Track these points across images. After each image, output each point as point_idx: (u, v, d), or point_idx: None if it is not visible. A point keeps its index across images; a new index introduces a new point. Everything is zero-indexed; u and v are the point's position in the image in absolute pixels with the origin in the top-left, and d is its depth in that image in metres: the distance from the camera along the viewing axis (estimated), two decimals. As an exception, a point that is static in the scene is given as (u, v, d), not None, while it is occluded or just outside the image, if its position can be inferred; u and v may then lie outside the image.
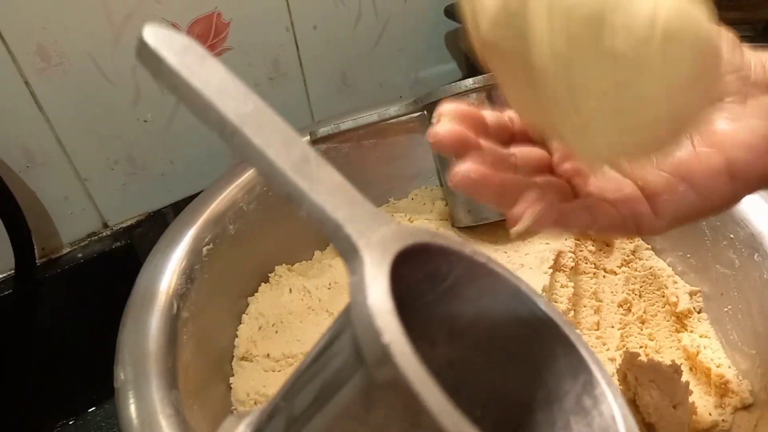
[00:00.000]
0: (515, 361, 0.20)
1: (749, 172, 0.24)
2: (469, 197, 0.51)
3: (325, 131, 0.54)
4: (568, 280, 0.46)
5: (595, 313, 0.46)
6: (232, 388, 0.43)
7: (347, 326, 0.15)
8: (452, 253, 0.19)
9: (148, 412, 0.34)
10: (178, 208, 0.60)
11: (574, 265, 0.47)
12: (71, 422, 0.60)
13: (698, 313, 0.45)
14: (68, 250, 0.58)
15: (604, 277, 0.49)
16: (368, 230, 0.16)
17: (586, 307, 0.46)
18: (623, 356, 0.40)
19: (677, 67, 0.20)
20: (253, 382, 0.43)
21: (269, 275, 0.51)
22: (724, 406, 0.39)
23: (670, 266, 0.49)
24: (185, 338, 0.40)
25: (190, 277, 0.43)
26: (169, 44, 0.18)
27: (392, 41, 0.67)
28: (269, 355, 0.44)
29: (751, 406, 0.39)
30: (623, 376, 0.37)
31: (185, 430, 0.33)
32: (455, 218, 0.54)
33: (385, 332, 0.14)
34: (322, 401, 0.16)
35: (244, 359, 0.45)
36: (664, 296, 0.47)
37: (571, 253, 0.48)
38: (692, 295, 0.46)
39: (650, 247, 0.51)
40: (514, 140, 0.28)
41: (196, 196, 0.49)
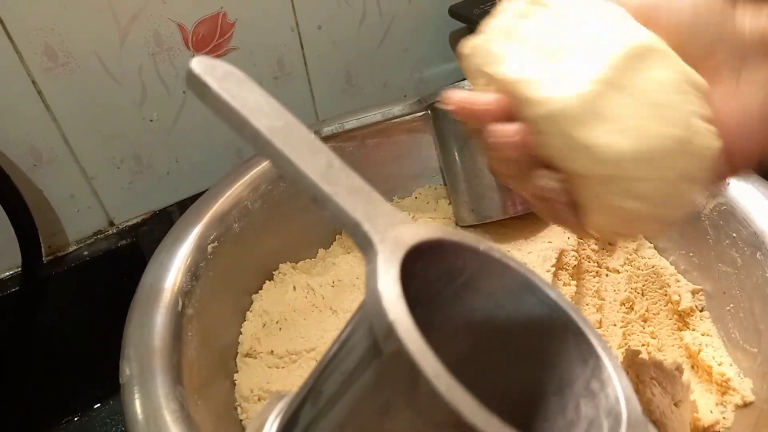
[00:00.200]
0: (530, 350, 0.21)
1: (746, 150, 0.24)
2: (474, 196, 0.52)
3: (329, 130, 0.54)
4: (570, 278, 0.46)
5: (597, 311, 0.46)
6: (236, 384, 0.43)
7: (364, 318, 0.17)
8: (466, 249, 0.20)
9: (153, 407, 0.34)
10: (183, 206, 0.60)
11: (576, 263, 0.47)
12: (76, 419, 0.60)
13: (700, 311, 0.46)
14: (74, 247, 0.58)
15: (606, 275, 0.49)
16: (384, 227, 0.18)
17: (588, 305, 0.46)
18: (625, 354, 0.40)
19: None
20: (257, 378, 0.43)
21: (273, 273, 0.52)
22: (725, 404, 0.39)
23: (672, 265, 0.49)
24: (190, 335, 0.40)
25: (195, 274, 0.43)
26: (212, 71, 0.20)
27: (396, 41, 0.67)
28: (273, 352, 0.44)
29: (752, 404, 0.39)
30: (625, 373, 0.37)
31: (190, 425, 0.34)
32: (459, 217, 0.55)
33: (390, 312, 0.15)
34: (344, 388, 0.18)
35: (248, 356, 0.45)
36: (666, 295, 0.47)
37: (573, 251, 0.48)
38: (694, 293, 0.46)
39: (653, 245, 0.51)
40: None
41: (201, 194, 0.49)
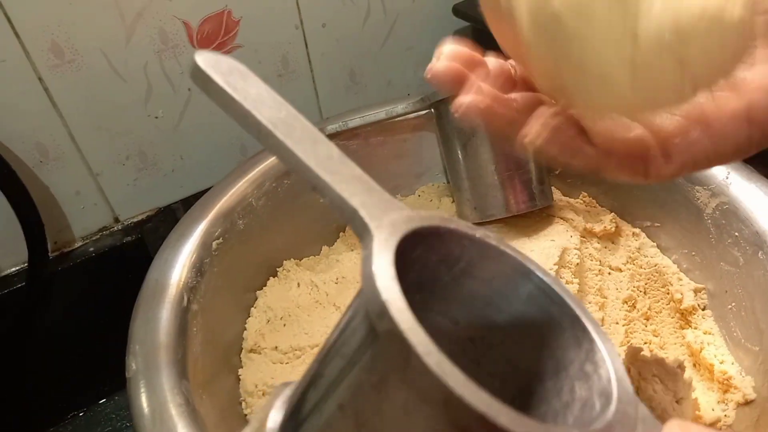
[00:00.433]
0: (528, 335, 0.21)
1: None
2: (477, 194, 0.52)
3: (333, 128, 0.55)
4: (573, 276, 0.46)
5: (599, 309, 0.46)
6: (240, 379, 0.44)
7: (361, 301, 0.17)
8: (463, 236, 0.21)
9: (158, 401, 0.34)
10: (187, 203, 0.61)
11: (579, 261, 0.48)
12: (81, 414, 0.61)
13: (702, 310, 0.46)
14: (80, 244, 0.59)
15: (609, 274, 0.49)
16: (381, 214, 0.19)
17: (590, 303, 0.46)
18: (627, 351, 0.40)
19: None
20: (261, 374, 0.43)
21: (277, 270, 0.52)
22: (726, 401, 0.40)
23: (675, 263, 0.49)
24: (195, 330, 0.40)
25: (200, 270, 0.43)
26: (216, 66, 0.21)
27: (400, 39, 0.67)
28: (277, 347, 0.45)
29: (753, 402, 0.39)
30: (627, 370, 0.38)
31: (195, 419, 0.34)
32: (462, 215, 0.55)
33: (383, 292, 0.16)
34: (344, 372, 0.18)
35: (252, 351, 0.45)
36: (668, 293, 0.47)
37: (576, 250, 0.48)
38: (697, 292, 0.46)
39: (656, 244, 0.51)
40: (515, 88, 0.28)
41: (205, 192, 0.50)
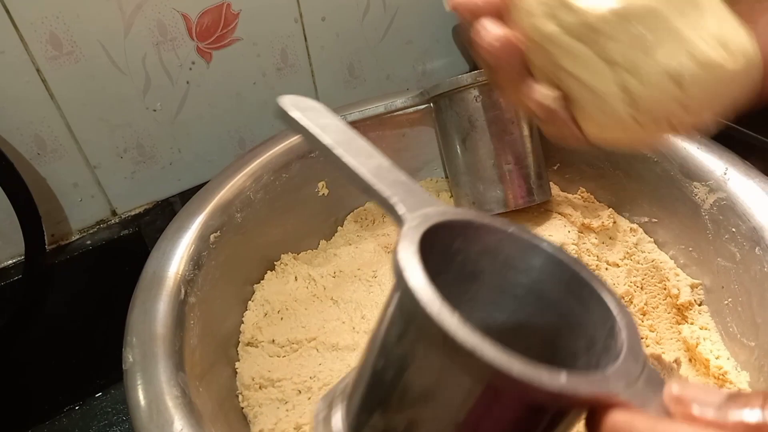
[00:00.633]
0: (564, 318, 0.23)
1: None
2: (475, 189, 0.52)
3: (331, 122, 0.54)
4: (570, 271, 0.46)
5: (596, 304, 0.46)
6: (237, 372, 0.44)
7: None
8: (498, 230, 0.24)
9: (155, 393, 0.34)
10: (185, 196, 0.61)
11: (576, 257, 0.48)
12: (77, 407, 0.61)
13: (699, 305, 0.46)
14: (77, 236, 0.59)
15: (606, 269, 0.49)
16: (415, 207, 0.22)
17: (587, 298, 0.46)
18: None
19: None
20: (257, 367, 0.43)
21: (275, 263, 0.52)
22: (722, 396, 0.40)
23: (672, 259, 0.49)
24: (192, 323, 0.40)
25: (197, 263, 0.43)
26: (296, 105, 0.27)
27: (400, 33, 0.67)
28: (274, 341, 0.45)
29: (749, 397, 0.39)
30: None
31: (191, 411, 0.34)
32: (460, 210, 0.55)
33: (401, 260, 0.19)
34: (384, 341, 0.21)
35: (249, 344, 0.45)
36: (665, 288, 0.47)
37: (573, 245, 0.48)
38: (693, 287, 0.46)
39: (653, 240, 0.51)
40: None
41: (203, 185, 0.50)
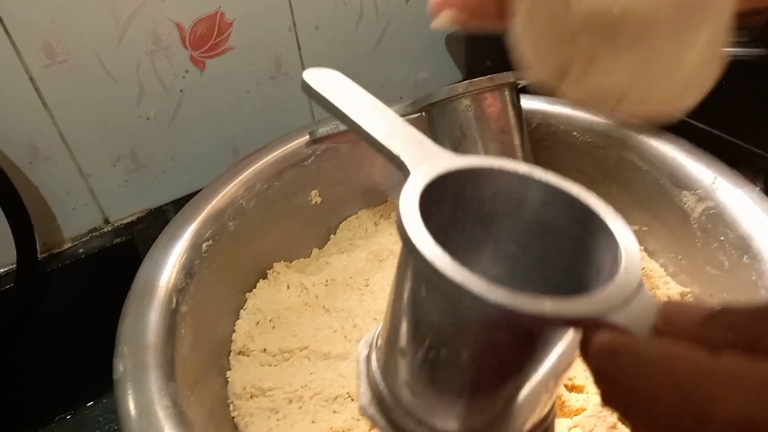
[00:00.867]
0: (576, 249, 0.24)
1: None
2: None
3: (324, 131, 0.55)
4: (561, 280, 0.47)
5: (587, 312, 0.46)
6: (229, 381, 0.44)
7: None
8: (504, 173, 0.24)
9: (145, 403, 0.34)
10: (178, 204, 0.61)
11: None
12: (69, 417, 0.61)
13: (689, 314, 0.46)
14: (70, 245, 0.59)
15: (597, 277, 0.49)
16: (423, 160, 0.24)
17: (579, 307, 0.46)
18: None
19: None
20: (249, 376, 0.43)
21: (267, 272, 0.52)
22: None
23: (662, 267, 0.49)
24: (184, 332, 0.40)
25: (189, 272, 0.43)
26: (317, 76, 0.29)
27: (393, 42, 0.68)
28: (266, 349, 0.45)
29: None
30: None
31: (182, 421, 0.34)
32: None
33: (402, 207, 0.21)
34: (397, 285, 0.23)
35: (241, 354, 0.45)
36: (655, 297, 0.47)
37: (565, 253, 0.49)
38: (683, 296, 0.46)
39: (643, 248, 0.51)
40: None
41: (196, 193, 0.50)
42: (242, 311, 0.49)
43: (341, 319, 0.47)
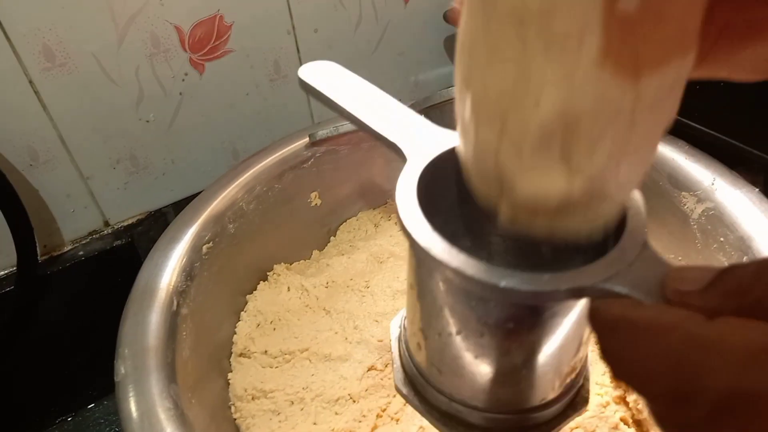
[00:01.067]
0: None
1: None
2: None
3: (324, 134, 0.55)
4: (561, 281, 0.47)
5: (588, 314, 0.46)
6: (230, 383, 0.44)
7: None
8: None
9: (147, 405, 0.34)
10: (178, 207, 0.61)
11: None
12: (70, 419, 0.60)
13: (689, 314, 0.46)
14: (70, 247, 0.58)
15: (597, 279, 0.49)
16: (421, 147, 0.24)
17: (579, 308, 0.47)
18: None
19: None
20: (250, 378, 0.43)
21: (268, 274, 0.52)
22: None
23: (662, 269, 0.49)
24: (185, 334, 0.40)
25: (190, 274, 0.43)
26: (314, 71, 0.28)
27: (392, 45, 0.68)
28: (267, 351, 0.45)
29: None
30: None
31: (183, 423, 0.34)
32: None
33: (398, 195, 0.21)
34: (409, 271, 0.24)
35: (242, 355, 0.45)
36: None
37: (565, 254, 0.49)
38: (683, 297, 0.46)
39: (643, 249, 0.51)
40: None
41: (196, 195, 0.50)
42: (243, 313, 0.49)
43: (342, 320, 0.47)
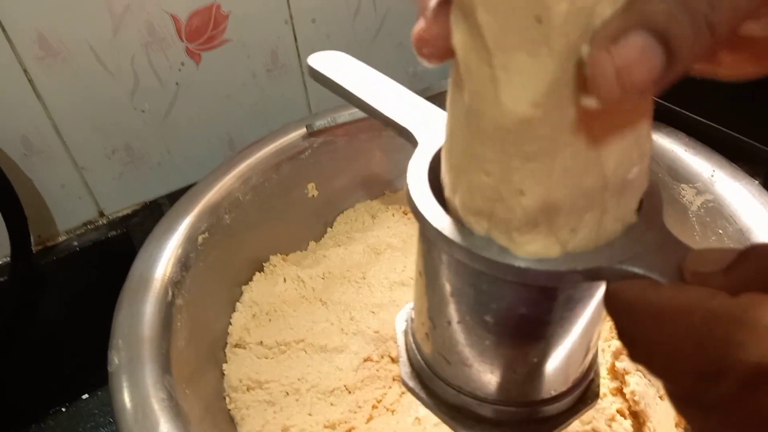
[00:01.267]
0: None
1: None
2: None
3: (321, 124, 0.54)
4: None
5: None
6: (225, 374, 0.43)
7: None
8: None
9: (141, 396, 0.34)
10: (174, 198, 0.60)
11: None
12: (64, 409, 0.60)
13: (687, 307, 0.46)
14: (64, 238, 0.58)
15: (595, 271, 0.49)
16: (432, 130, 0.24)
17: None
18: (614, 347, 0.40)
19: None
20: (245, 368, 0.43)
21: (264, 264, 0.52)
22: (709, 397, 0.40)
23: (660, 261, 0.49)
24: (179, 325, 0.40)
25: (185, 265, 0.43)
26: (323, 60, 0.30)
27: (390, 36, 0.67)
28: (262, 342, 0.45)
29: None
30: (611, 365, 0.38)
31: (178, 414, 0.34)
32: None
33: (409, 176, 0.21)
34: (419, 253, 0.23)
35: (237, 346, 0.45)
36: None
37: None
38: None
39: (641, 242, 0.51)
40: None
41: (192, 186, 0.49)
42: (238, 304, 0.48)
43: (338, 312, 0.46)
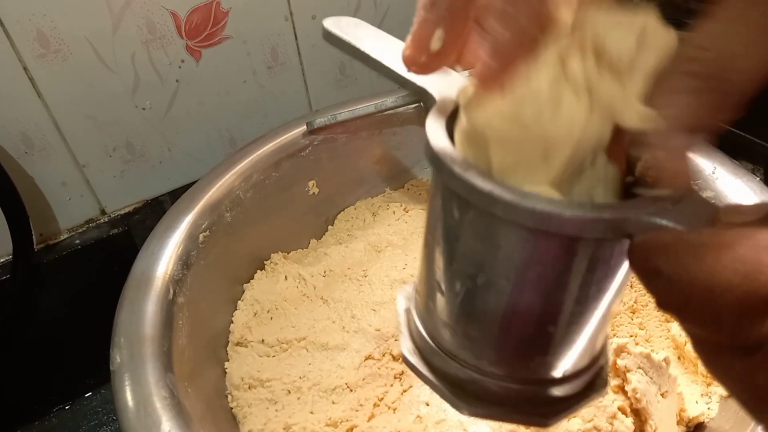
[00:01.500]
0: None
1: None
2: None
3: (321, 121, 0.54)
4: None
5: (586, 303, 0.46)
6: (226, 372, 0.43)
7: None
8: None
9: (143, 394, 0.34)
10: (175, 195, 0.60)
11: None
12: (67, 407, 0.61)
13: (688, 304, 0.46)
14: (66, 236, 0.58)
15: (596, 268, 0.49)
16: (448, 90, 0.24)
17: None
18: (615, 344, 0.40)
19: None
20: (247, 367, 0.43)
21: (265, 262, 0.52)
22: (710, 395, 0.40)
23: (661, 258, 0.49)
24: (181, 323, 0.40)
25: (186, 263, 0.43)
26: (337, 24, 0.30)
27: (391, 32, 0.67)
28: (264, 340, 0.45)
29: (737, 395, 0.39)
30: (613, 362, 0.38)
31: (180, 412, 0.34)
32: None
33: (428, 130, 0.21)
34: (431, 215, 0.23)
35: (239, 344, 0.45)
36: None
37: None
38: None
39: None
40: None
41: (193, 184, 0.49)
42: (240, 302, 0.48)
43: (339, 310, 0.46)
